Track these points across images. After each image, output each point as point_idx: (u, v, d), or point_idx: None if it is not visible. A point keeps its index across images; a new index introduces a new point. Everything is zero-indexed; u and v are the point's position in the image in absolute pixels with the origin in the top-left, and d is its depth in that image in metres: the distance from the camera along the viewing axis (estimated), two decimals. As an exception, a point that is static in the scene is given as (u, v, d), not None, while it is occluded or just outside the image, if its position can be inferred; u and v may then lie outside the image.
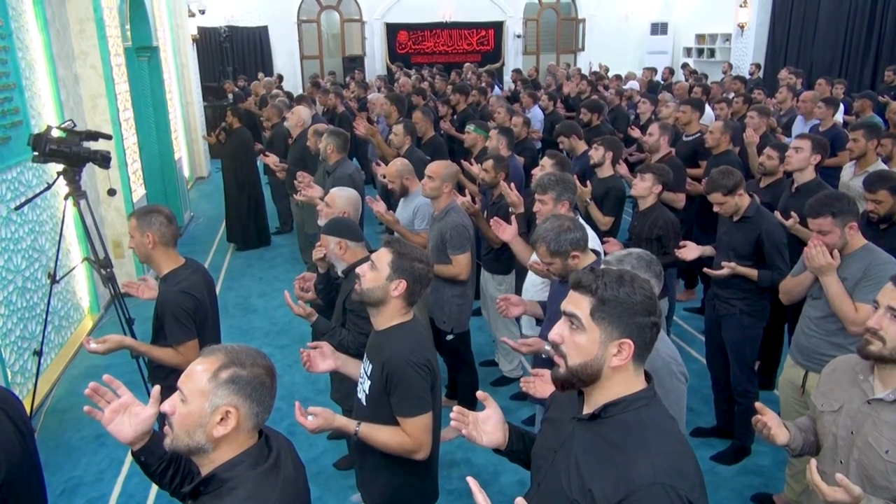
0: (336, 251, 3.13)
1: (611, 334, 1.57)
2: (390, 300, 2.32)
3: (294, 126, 6.52)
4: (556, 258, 2.86)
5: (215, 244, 8.15)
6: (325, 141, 5.08)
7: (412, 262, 2.33)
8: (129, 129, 6.70)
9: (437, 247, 3.94)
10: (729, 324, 3.76)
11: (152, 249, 2.96)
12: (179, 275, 2.99)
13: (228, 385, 1.58)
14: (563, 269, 2.90)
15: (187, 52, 10.73)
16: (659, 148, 5.33)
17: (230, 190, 7.72)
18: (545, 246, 2.85)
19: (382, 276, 2.32)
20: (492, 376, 4.83)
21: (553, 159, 4.35)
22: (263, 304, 6.39)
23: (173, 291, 2.92)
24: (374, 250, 3.14)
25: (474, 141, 5.78)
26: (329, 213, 3.65)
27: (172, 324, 2.90)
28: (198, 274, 3.07)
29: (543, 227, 2.89)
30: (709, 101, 8.09)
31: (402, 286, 2.31)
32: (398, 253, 2.34)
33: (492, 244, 4.42)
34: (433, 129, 6.42)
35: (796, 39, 13.19)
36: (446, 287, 4.00)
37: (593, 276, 1.61)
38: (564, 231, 2.86)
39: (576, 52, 17.53)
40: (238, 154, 7.61)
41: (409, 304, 2.36)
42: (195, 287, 2.98)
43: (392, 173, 4.53)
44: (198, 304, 2.96)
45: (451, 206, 4.03)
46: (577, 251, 2.87)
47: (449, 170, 4.08)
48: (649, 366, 1.68)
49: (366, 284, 2.34)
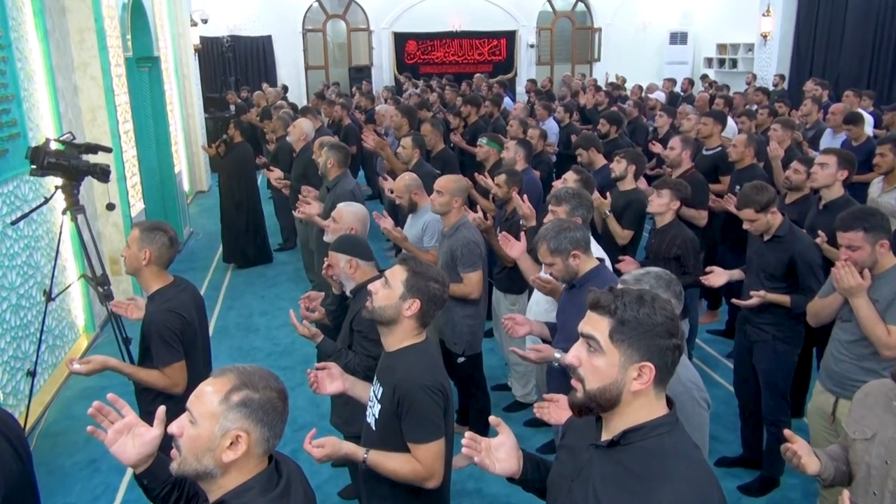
0: (346, 270, 3.15)
1: (631, 357, 1.58)
2: (402, 320, 2.33)
3: (297, 140, 6.57)
4: (557, 257, 2.92)
5: (215, 261, 8.20)
6: (324, 155, 5.13)
7: (428, 281, 2.35)
8: (129, 141, 6.78)
9: (446, 265, 3.96)
10: (761, 351, 3.73)
11: (145, 266, 2.99)
12: (167, 294, 3.01)
13: (240, 408, 1.59)
14: (565, 271, 2.95)
15: (189, 63, 10.88)
16: (681, 162, 5.35)
17: (227, 209, 7.78)
18: (545, 244, 2.91)
19: (396, 295, 2.33)
20: (505, 401, 4.82)
21: (578, 175, 4.39)
22: (265, 323, 6.41)
23: (160, 311, 2.94)
24: (383, 270, 3.17)
25: (487, 154, 5.82)
26: (336, 230, 3.68)
27: (159, 344, 2.91)
28: (186, 293, 3.09)
29: (544, 227, 2.99)
30: (731, 113, 8.11)
31: (416, 306, 2.32)
32: (413, 271, 2.36)
33: (504, 262, 4.43)
34: (443, 142, 6.46)
35: (822, 49, 13.22)
36: (457, 307, 4.01)
37: (612, 296, 1.62)
38: (565, 230, 2.93)
39: (591, 63, 17.63)
40: (236, 171, 7.67)
41: (422, 325, 2.37)
42: (183, 306, 3.00)
43: (400, 188, 4.56)
44: (186, 324, 2.97)
45: (462, 222, 4.06)
46: (578, 250, 2.92)
47: (459, 184, 4.11)
48: (670, 391, 1.67)
49: (378, 302, 2.35)
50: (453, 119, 8.25)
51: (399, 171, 5.95)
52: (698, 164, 5.60)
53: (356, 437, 2.45)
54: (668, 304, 1.62)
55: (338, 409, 3.31)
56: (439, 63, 16.72)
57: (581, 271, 2.97)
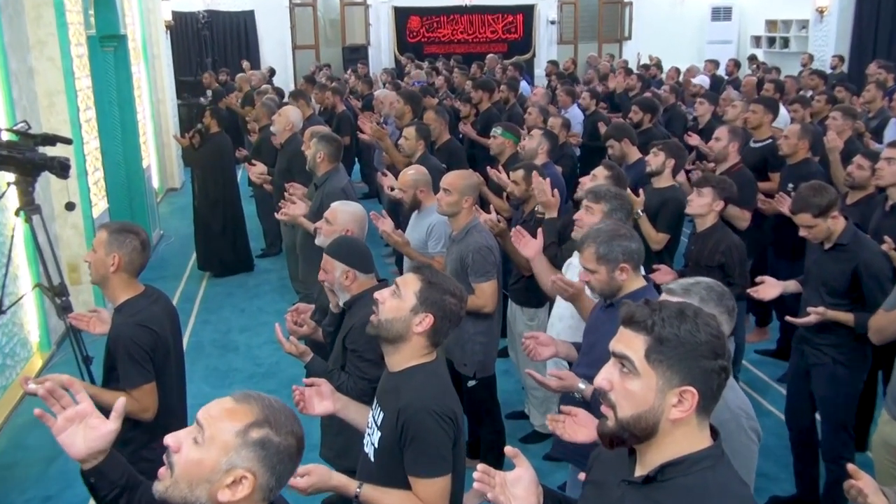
0: (342, 280, 3.16)
1: (670, 380, 1.58)
2: (411, 336, 2.34)
3: (282, 130, 6.58)
4: (603, 266, 2.91)
5: (188, 268, 8.24)
6: (314, 147, 5.15)
7: (444, 294, 2.36)
8: (91, 131, 6.83)
9: (455, 273, 3.97)
10: (820, 375, 3.72)
11: (113, 273, 3.00)
12: (137, 305, 3.02)
13: (256, 448, 1.59)
14: (606, 284, 2.95)
15: (160, 42, 10.94)
16: (727, 156, 5.35)
17: (202, 209, 7.82)
18: (594, 247, 2.90)
19: (406, 307, 2.34)
20: (521, 430, 4.82)
21: (609, 171, 4.39)
22: (246, 340, 6.43)
23: (128, 324, 2.95)
24: (383, 280, 3.19)
25: (502, 147, 5.83)
26: (330, 232, 3.69)
27: (127, 363, 2.92)
28: (158, 304, 3.10)
29: (596, 227, 2.97)
30: (782, 99, 8.11)
31: (428, 322, 2.33)
32: (429, 282, 2.37)
33: (521, 270, 4.44)
34: (448, 132, 6.48)
35: (887, 27, 13.19)
36: (468, 322, 4.00)
37: (649, 310, 1.62)
38: (620, 237, 2.92)
39: (621, 42, 17.66)
40: (213, 166, 7.71)
41: (432, 343, 2.38)
42: (155, 320, 3.00)
43: (406, 182, 4.57)
44: (157, 341, 2.98)
45: (473, 224, 4.07)
46: (629, 264, 2.92)
47: (468, 181, 4.12)
48: (714, 419, 1.68)
49: (385, 314, 2.36)
50: (462, 106, 8.28)
51: (400, 166, 5.96)
52: (745, 159, 5.60)
53: (350, 472, 2.46)
54: (712, 320, 1.63)
55: (329, 439, 3.32)
56: (446, 42, 16.77)
57: (625, 289, 2.96)
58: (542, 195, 4.23)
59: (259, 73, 12.20)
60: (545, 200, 4.22)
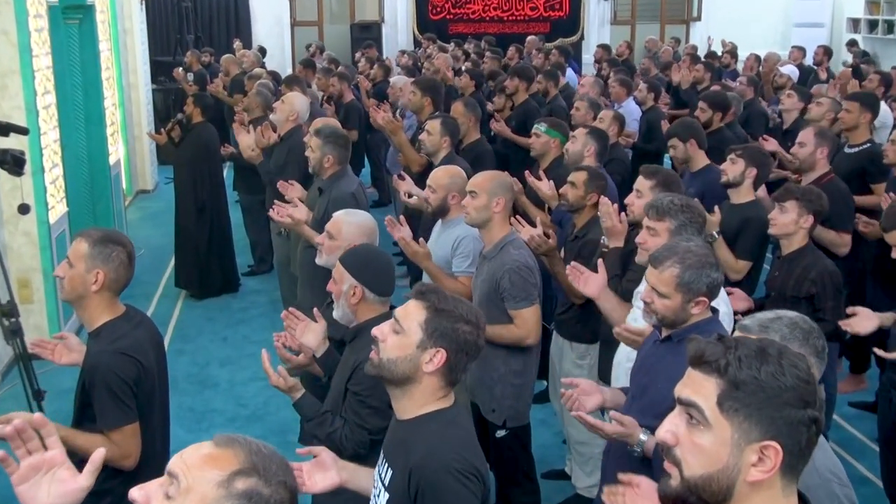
0: (348, 298, 3.18)
1: (748, 434, 1.58)
2: (421, 378, 2.35)
3: (284, 120, 6.56)
4: (680, 294, 2.92)
5: (161, 287, 8.29)
6: (319, 150, 5.17)
7: (455, 322, 2.36)
8: (50, 120, 6.91)
9: (487, 298, 3.98)
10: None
11: (94, 292, 3.03)
12: (117, 329, 3.05)
13: (242, 501, 1.58)
14: (674, 314, 2.95)
15: (133, 14, 11.07)
16: (814, 165, 5.33)
17: (184, 212, 7.87)
18: (677, 270, 2.91)
19: (411, 343, 2.35)
20: (561, 494, 4.78)
21: (652, 178, 4.18)
22: (228, 375, 6.46)
23: (108, 353, 2.98)
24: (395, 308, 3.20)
25: (546, 147, 5.83)
26: (333, 248, 3.72)
27: (105, 399, 2.94)
28: (142, 329, 3.13)
29: (685, 246, 2.97)
30: (885, 96, 8.07)
31: (440, 358, 2.33)
32: (435, 309, 2.37)
33: (573, 298, 4.43)
34: (478, 130, 6.51)
35: None
36: (498, 359, 4.01)
37: (722, 347, 1.63)
38: (709, 265, 2.94)
39: (688, 23, 17.67)
40: (197, 163, 7.77)
41: (448, 383, 2.38)
42: (138, 348, 3.03)
43: (440, 182, 4.53)
44: (142, 373, 3.01)
45: (509, 238, 4.07)
46: (707, 297, 2.94)
47: (499, 179, 4.13)
48: (800, 485, 1.67)
49: (387, 353, 2.37)
50: (497, 98, 8.30)
51: (416, 168, 5.98)
52: (838, 168, 5.57)
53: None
54: (801, 361, 1.63)
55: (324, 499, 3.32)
56: (476, 20, 16.89)
57: (689, 321, 2.98)
58: (608, 218, 4.16)
59: (252, 54, 12.31)
60: (610, 226, 4.16)
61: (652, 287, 2.99)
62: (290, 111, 6.56)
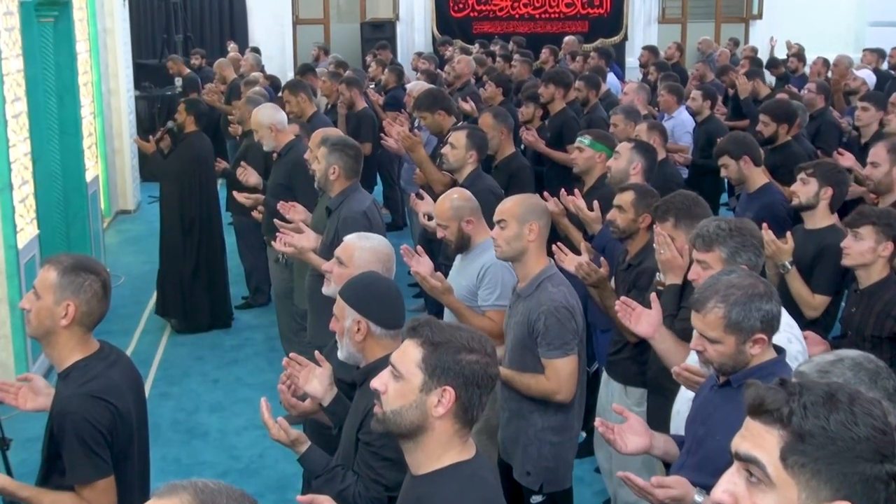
0: (353, 335, 3.19)
1: (817, 493, 1.57)
2: (433, 424, 2.36)
3: (270, 137, 6.66)
4: (733, 335, 2.90)
5: (143, 320, 8.33)
6: (324, 160, 5.20)
7: (457, 353, 2.36)
8: (21, 131, 6.97)
9: (521, 343, 3.97)
10: None
11: (65, 327, 3.05)
12: (90, 369, 3.06)
13: None
14: (729, 358, 2.93)
15: (114, 12, 11.18)
16: (892, 185, 5.32)
17: (170, 233, 7.92)
18: (723, 310, 2.89)
19: (414, 387, 2.36)
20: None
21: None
22: (219, 423, 6.48)
23: (79, 396, 2.99)
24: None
25: (590, 163, 5.84)
26: (343, 276, 3.71)
27: (76, 450, 2.94)
28: (119, 369, 3.14)
29: (726, 281, 2.95)
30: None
31: (449, 397, 2.34)
32: (432, 343, 2.38)
33: (627, 336, 4.41)
34: (512, 143, 6.52)
35: None
36: (534, 412, 4.00)
37: (785, 393, 1.62)
38: (758, 296, 2.90)
39: (748, 21, 17.72)
40: (188, 177, 7.83)
41: (464, 425, 2.39)
42: (113, 390, 3.04)
43: (445, 213, 4.59)
44: (118, 420, 3.02)
45: (547, 273, 4.05)
46: (766, 334, 2.91)
47: (531, 203, 4.14)
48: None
49: (390, 404, 2.38)
50: (526, 106, 8.33)
51: (439, 187, 5.98)
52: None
53: None
54: (876, 407, 1.62)
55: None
56: (504, 18, 16.98)
57: (750, 363, 2.97)
58: (665, 250, 4.07)
59: (250, 57, 12.40)
60: (667, 259, 4.08)
61: (700, 333, 2.98)
62: (258, 126, 6.59)
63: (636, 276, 4.50)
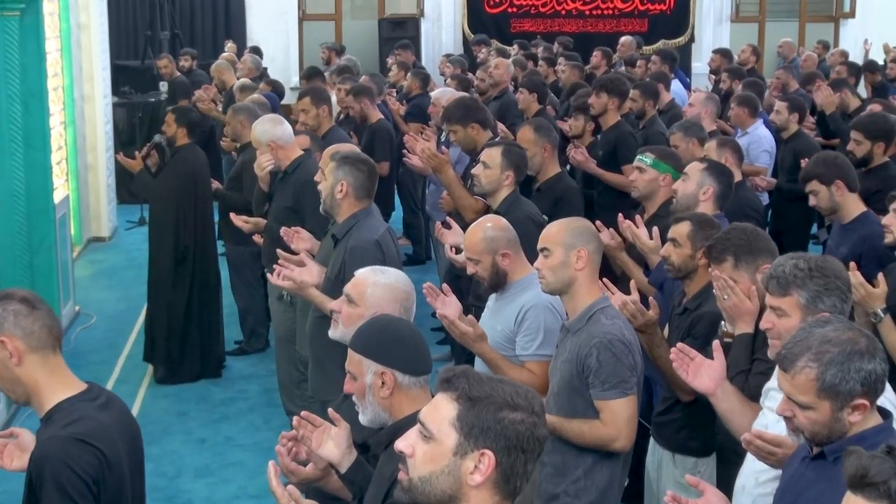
0: (377, 392, 3.19)
1: None
2: (468, 495, 2.35)
3: (275, 156, 6.63)
4: (828, 401, 2.86)
5: (117, 368, 8.34)
6: (331, 176, 5.21)
7: (499, 411, 2.35)
8: (-21, 143, 7.04)
9: (569, 384, 3.99)
10: None
11: (17, 366, 3.07)
12: (75, 410, 3.08)
13: None
14: (824, 426, 2.90)
15: (90, 6, 11.28)
16: None
17: (160, 261, 7.95)
18: (815, 371, 2.85)
19: (446, 450, 2.36)
20: None
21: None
22: (206, 491, 6.48)
23: (60, 439, 3.00)
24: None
25: (652, 186, 5.84)
26: (355, 318, 3.73)
27: (55, 500, 2.96)
28: (110, 413, 3.17)
29: (818, 336, 2.90)
30: None
31: (488, 463, 2.33)
32: (469, 398, 2.37)
33: (678, 393, 4.42)
34: (557, 161, 6.53)
35: None
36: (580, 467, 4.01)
37: (893, 463, 1.65)
38: (859, 354, 2.86)
39: (838, 20, 17.71)
40: (184, 194, 7.86)
41: (506, 496, 2.38)
42: (101, 434, 3.06)
43: (476, 246, 4.60)
44: (105, 468, 3.03)
45: (601, 304, 4.07)
46: (867, 398, 2.87)
47: (578, 227, 4.16)
48: None
49: (418, 470, 2.39)
50: (574, 120, 8.32)
51: (471, 213, 6.00)
52: None
53: None
54: None
55: None
56: (548, 15, 17.06)
57: (850, 432, 2.93)
58: (729, 295, 4.04)
59: (249, 59, 12.43)
60: (733, 306, 4.04)
61: (788, 397, 2.95)
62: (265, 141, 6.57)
63: (693, 322, 4.48)
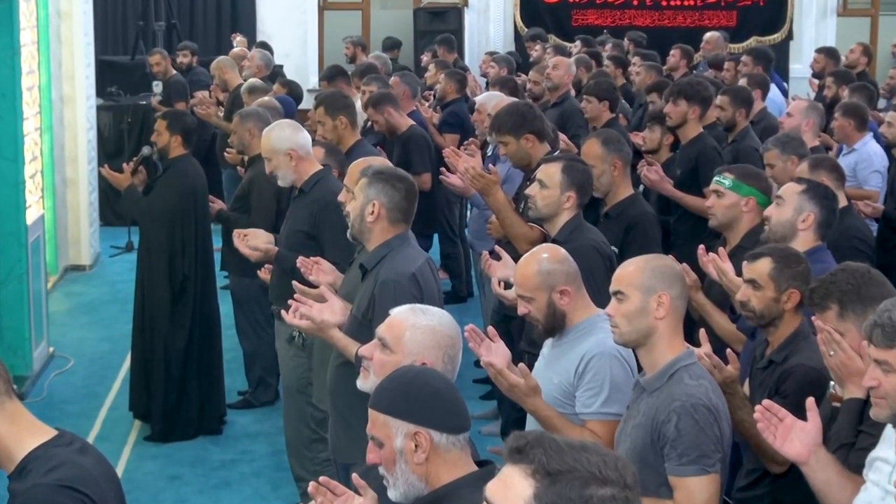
0: (410, 458, 3.18)
1: None
2: None
3: (279, 168, 6.68)
4: None
5: (98, 421, 8.41)
6: (361, 195, 5.22)
7: (585, 487, 2.33)
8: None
9: (639, 453, 3.98)
10: None
11: None
12: (53, 456, 3.14)
13: None
14: None
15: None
16: None
17: (154, 296, 8.00)
18: None
19: None
20: None
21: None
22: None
23: (44, 487, 3.06)
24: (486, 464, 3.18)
25: (733, 212, 5.87)
26: (389, 366, 3.73)
27: None
28: (88, 457, 3.24)
29: None
30: None
31: None
32: (548, 473, 2.35)
33: (767, 464, 4.40)
34: (629, 181, 6.55)
35: None
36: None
37: None
38: None
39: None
40: (182, 215, 7.93)
41: None
42: (87, 479, 3.12)
43: (529, 279, 4.62)
44: None
45: (684, 361, 4.07)
46: None
47: (659, 267, 4.17)
48: None
49: None
50: (649, 132, 8.31)
51: (524, 242, 5.99)
52: None
53: None
54: None
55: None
56: (616, 6, 17.20)
57: None
58: (836, 350, 3.99)
59: (258, 55, 12.49)
60: (840, 365, 3.99)
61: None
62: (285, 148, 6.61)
63: (780, 377, 4.46)
